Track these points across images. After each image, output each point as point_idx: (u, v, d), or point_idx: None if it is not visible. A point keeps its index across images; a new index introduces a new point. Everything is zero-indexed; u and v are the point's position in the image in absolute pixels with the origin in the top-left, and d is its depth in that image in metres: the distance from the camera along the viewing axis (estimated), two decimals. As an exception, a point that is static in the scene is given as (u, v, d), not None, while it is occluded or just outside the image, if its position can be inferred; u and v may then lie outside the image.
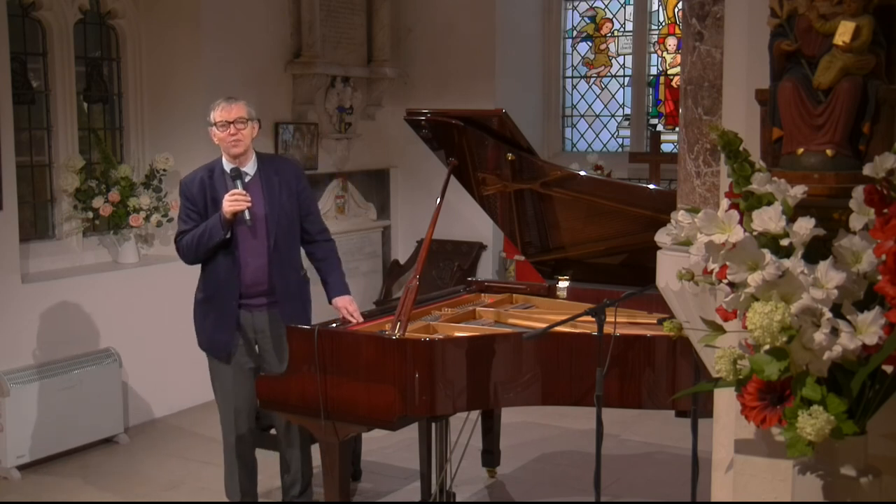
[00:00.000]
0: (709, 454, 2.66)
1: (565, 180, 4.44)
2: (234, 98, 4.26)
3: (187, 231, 4.23)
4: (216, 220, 4.12)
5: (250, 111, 4.24)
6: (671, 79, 8.31)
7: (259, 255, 4.22)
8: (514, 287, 4.99)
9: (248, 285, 4.23)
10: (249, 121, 4.22)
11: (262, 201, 4.21)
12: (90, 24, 6.25)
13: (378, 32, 7.83)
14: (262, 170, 4.27)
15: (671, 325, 2.47)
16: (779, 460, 2.17)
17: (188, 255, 4.26)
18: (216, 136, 4.21)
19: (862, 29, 2.03)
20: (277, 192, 4.25)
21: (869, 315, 1.90)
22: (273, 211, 4.22)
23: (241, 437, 4.37)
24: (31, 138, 5.93)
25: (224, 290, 4.24)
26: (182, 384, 6.21)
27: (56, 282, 5.68)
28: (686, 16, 2.69)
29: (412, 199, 8.19)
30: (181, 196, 4.30)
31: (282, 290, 4.26)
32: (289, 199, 4.28)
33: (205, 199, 4.21)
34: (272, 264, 4.23)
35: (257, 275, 4.23)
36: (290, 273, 4.29)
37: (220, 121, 4.17)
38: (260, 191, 4.22)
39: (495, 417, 5.03)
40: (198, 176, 4.27)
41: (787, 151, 2.16)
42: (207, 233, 4.14)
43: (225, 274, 4.22)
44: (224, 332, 4.26)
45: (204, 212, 4.21)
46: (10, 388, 5.18)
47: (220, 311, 4.26)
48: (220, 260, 4.22)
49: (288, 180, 4.30)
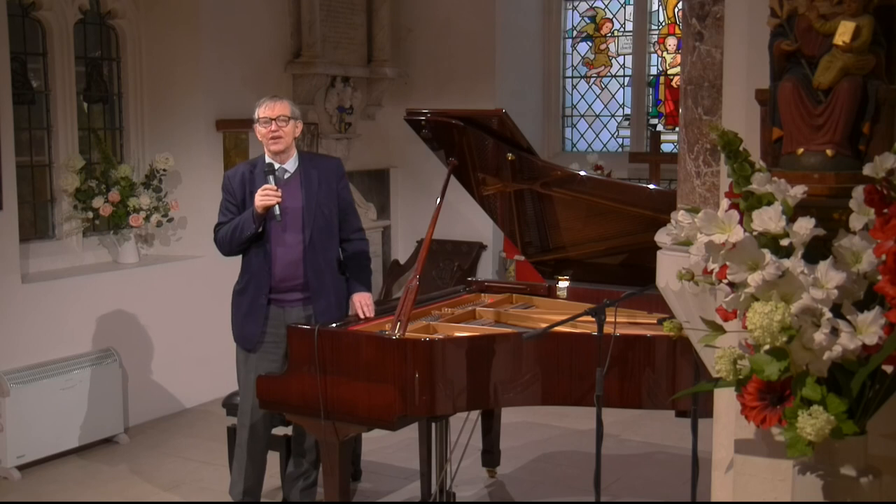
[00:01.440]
0: (709, 454, 2.66)
1: (565, 180, 4.44)
2: (279, 97, 4.35)
3: (224, 224, 4.31)
4: (248, 215, 4.20)
5: (294, 110, 4.31)
6: (671, 79, 8.31)
7: (293, 250, 4.25)
8: (514, 287, 4.99)
9: (280, 280, 4.26)
10: (292, 119, 4.28)
11: (300, 196, 4.26)
12: (90, 24, 6.25)
13: (378, 32, 7.83)
14: (302, 166, 4.33)
15: (671, 325, 2.47)
16: (779, 460, 2.17)
17: (223, 247, 4.35)
18: (259, 132, 4.29)
19: (862, 29, 2.03)
20: (316, 189, 4.29)
21: (869, 315, 1.91)
22: (310, 207, 4.27)
23: (256, 432, 4.37)
24: (31, 138, 5.93)
25: (256, 283, 4.28)
26: (182, 384, 6.22)
27: (56, 282, 5.68)
28: (686, 16, 2.69)
29: (412, 199, 8.19)
30: (223, 189, 4.39)
31: (316, 286, 4.28)
32: (328, 196, 4.33)
33: (244, 193, 4.29)
34: (307, 260, 4.26)
35: (290, 270, 4.26)
36: (325, 270, 4.31)
37: (262, 117, 4.25)
38: (299, 186, 4.27)
39: (495, 417, 5.03)
40: (240, 170, 4.37)
41: (787, 151, 2.16)
42: (240, 226, 4.22)
43: (257, 267, 4.28)
44: (253, 324, 4.30)
45: (242, 205, 4.29)
46: (10, 388, 5.18)
47: (251, 304, 4.30)
48: (254, 253, 4.29)
49: (328, 178, 4.35)
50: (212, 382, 6.08)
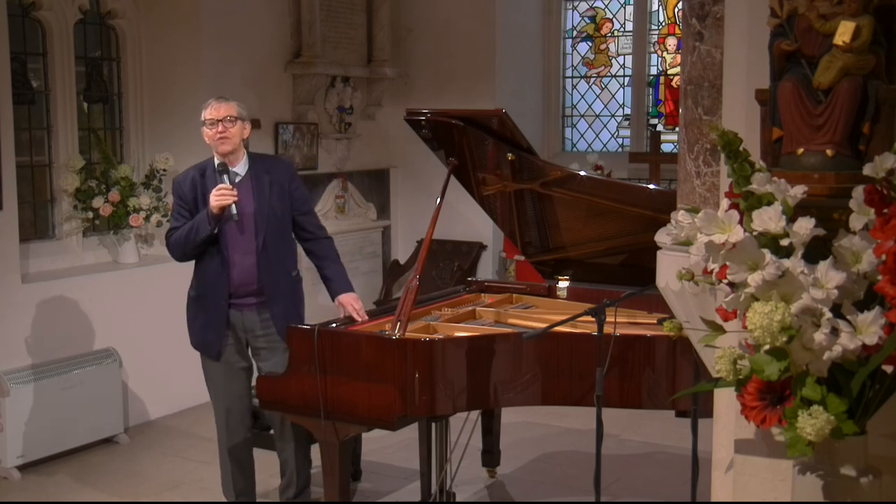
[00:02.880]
0: (709, 454, 2.66)
1: (565, 180, 4.44)
2: (226, 98, 4.30)
3: (177, 229, 4.26)
4: (203, 216, 4.15)
5: (241, 111, 4.26)
6: (671, 79, 8.31)
7: (248, 255, 4.22)
8: (514, 287, 4.99)
9: (237, 285, 4.23)
10: (239, 120, 4.23)
11: (252, 200, 4.22)
12: (90, 24, 6.25)
13: (378, 32, 7.83)
14: (252, 169, 4.28)
15: (671, 325, 2.47)
16: (779, 460, 2.17)
17: (177, 252, 4.30)
18: (206, 134, 4.24)
19: (862, 29, 2.03)
20: (268, 191, 4.25)
21: (869, 315, 1.90)
22: (262, 210, 4.23)
23: (234, 436, 4.38)
24: (31, 138, 5.93)
25: (214, 289, 4.24)
26: (182, 384, 6.20)
27: (56, 282, 5.68)
28: (686, 16, 2.69)
29: (412, 199, 8.19)
30: (173, 194, 4.35)
31: (271, 289, 4.26)
32: (280, 198, 4.28)
33: (196, 197, 4.23)
34: (261, 264, 4.23)
35: (246, 274, 4.23)
36: (280, 273, 4.29)
37: (208, 119, 4.21)
38: (250, 190, 4.23)
39: (495, 417, 5.03)
40: (189, 175, 4.31)
41: (787, 151, 2.16)
42: (195, 228, 4.17)
43: (214, 273, 4.23)
44: (213, 331, 4.27)
45: (195, 209, 4.23)
46: (9, 388, 5.18)
47: (210, 310, 4.26)
48: (209, 259, 4.24)
49: (279, 180, 4.30)
50: (212, 382, 6.07)
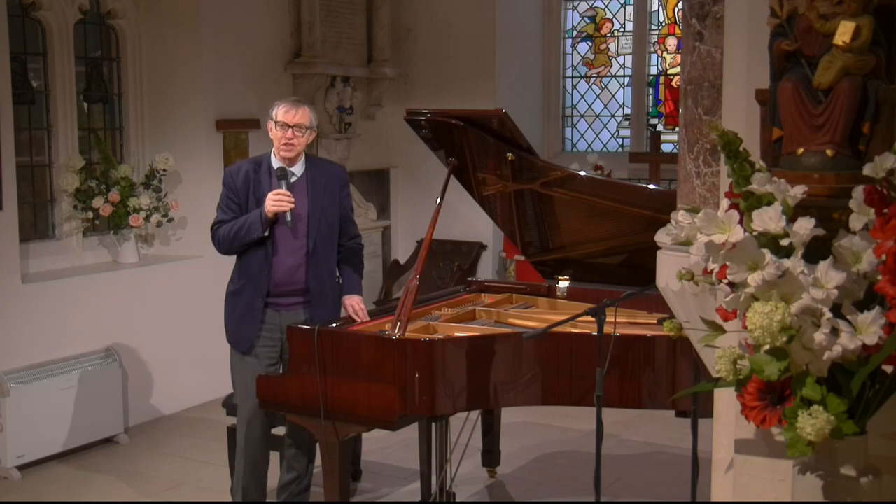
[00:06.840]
0: (709, 454, 2.66)
1: (565, 180, 4.44)
2: (302, 102, 4.25)
3: (225, 221, 4.22)
4: (256, 217, 4.12)
5: (312, 121, 4.23)
6: (671, 79, 8.31)
7: (293, 255, 4.21)
8: (514, 287, 4.99)
9: (279, 283, 4.21)
10: (309, 129, 4.21)
11: (306, 203, 4.21)
12: (90, 24, 6.25)
13: (378, 32, 7.83)
14: (309, 171, 4.27)
15: (671, 325, 2.47)
16: (779, 460, 2.17)
17: (223, 246, 4.26)
18: (273, 132, 4.20)
19: (862, 29, 2.03)
20: (322, 195, 4.25)
21: (869, 315, 1.90)
22: (315, 213, 4.23)
23: (253, 434, 4.34)
24: (31, 138, 5.93)
25: (253, 284, 4.21)
26: (182, 384, 6.22)
27: (56, 282, 5.68)
28: (686, 16, 2.69)
29: (412, 199, 8.19)
30: (224, 185, 4.28)
31: (316, 292, 4.25)
32: (331, 203, 4.29)
33: (247, 192, 4.20)
34: (309, 266, 4.22)
35: (290, 274, 4.21)
36: (325, 276, 4.28)
37: (280, 120, 4.17)
38: (305, 192, 4.22)
39: (495, 417, 5.03)
40: (243, 167, 4.27)
41: (787, 151, 2.16)
42: (246, 227, 4.14)
43: (256, 269, 4.20)
44: (248, 327, 4.24)
45: (244, 204, 4.20)
46: (10, 388, 5.18)
47: (247, 305, 4.24)
48: (253, 255, 4.20)
49: (333, 184, 4.32)
50: (211, 382, 6.07)
